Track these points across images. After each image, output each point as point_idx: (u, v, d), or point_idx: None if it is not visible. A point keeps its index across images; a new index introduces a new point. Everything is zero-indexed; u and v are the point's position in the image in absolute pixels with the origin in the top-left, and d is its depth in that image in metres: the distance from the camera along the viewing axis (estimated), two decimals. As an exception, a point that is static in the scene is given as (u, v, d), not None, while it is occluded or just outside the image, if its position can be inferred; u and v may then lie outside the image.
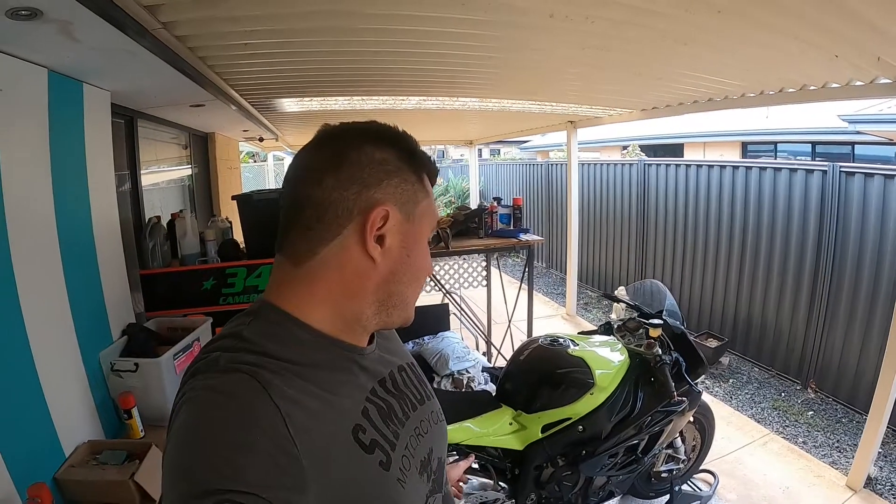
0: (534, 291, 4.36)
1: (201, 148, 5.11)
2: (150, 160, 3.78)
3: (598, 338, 2.82)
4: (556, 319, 6.87)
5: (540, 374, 2.52)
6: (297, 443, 0.62)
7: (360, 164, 0.75)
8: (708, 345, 5.28)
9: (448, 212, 4.67)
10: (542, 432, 2.42)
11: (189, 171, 4.89)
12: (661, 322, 2.67)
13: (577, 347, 2.60)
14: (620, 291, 3.19)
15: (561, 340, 2.65)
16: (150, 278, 2.92)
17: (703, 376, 3.04)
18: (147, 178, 3.62)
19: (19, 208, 1.73)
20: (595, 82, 3.64)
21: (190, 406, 0.65)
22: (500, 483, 2.50)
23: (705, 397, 3.04)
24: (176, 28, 1.90)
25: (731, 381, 5.11)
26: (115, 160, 2.57)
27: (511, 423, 2.47)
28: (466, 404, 2.55)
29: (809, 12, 1.94)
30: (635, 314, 2.92)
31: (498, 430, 2.44)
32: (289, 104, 3.98)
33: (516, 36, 2.40)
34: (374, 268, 0.76)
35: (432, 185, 0.85)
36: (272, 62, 2.66)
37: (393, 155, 0.77)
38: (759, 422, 4.26)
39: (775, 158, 11.29)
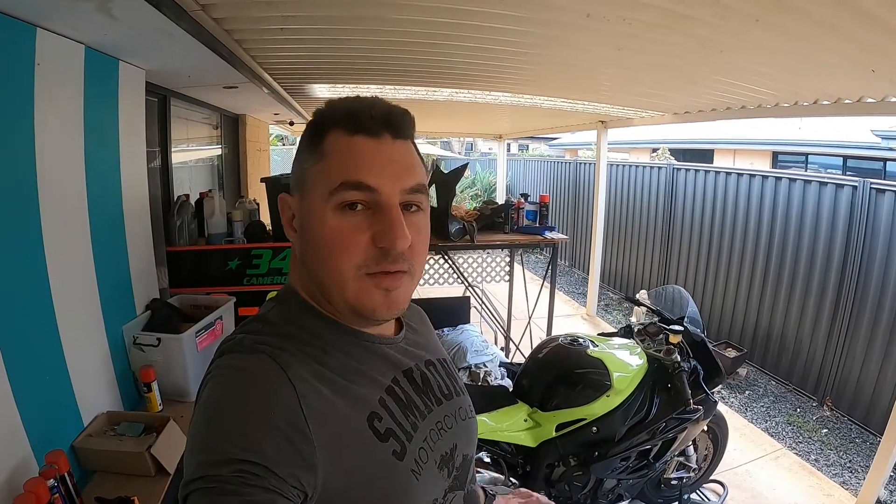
0: (555, 290, 4.33)
1: (232, 129, 5.12)
2: (181, 139, 3.81)
3: (617, 340, 2.78)
4: (575, 319, 6.80)
5: (558, 372, 2.50)
6: (310, 424, 0.64)
7: None
8: (726, 355, 5.22)
9: (475, 205, 4.65)
10: (556, 431, 2.41)
11: (219, 152, 4.91)
12: (682, 329, 2.64)
13: (596, 348, 2.56)
14: (642, 295, 3.15)
15: (581, 340, 2.62)
16: (176, 255, 2.93)
17: (719, 386, 2.99)
18: (177, 157, 3.64)
19: (52, 179, 1.74)
20: (629, 83, 3.58)
21: (215, 383, 0.68)
22: (511, 479, 2.48)
23: (720, 407, 3.00)
24: (214, 10, 1.89)
25: (747, 392, 5.04)
26: (146, 138, 2.58)
27: (526, 420, 2.46)
28: (483, 398, 2.54)
29: (846, 25, 1.89)
30: (656, 319, 2.88)
31: (512, 425, 2.43)
32: (321, 90, 3.98)
33: (552, 34, 2.36)
34: (297, 252, 0.81)
35: (368, 131, 0.73)
36: (307, 48, 2.66)
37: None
38: (772, 435, 4.19)
39: (806, 170, 11.09)
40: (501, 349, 4.50)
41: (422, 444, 0.78)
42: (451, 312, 4.14)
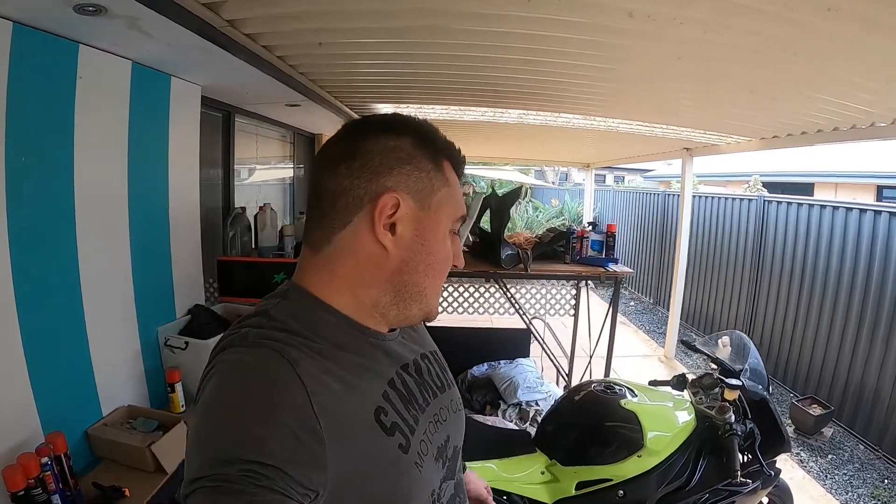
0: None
1: (306, 148, 5.24)
2: (249, 156, 3.93)
3: (663, 391, 2.43)
4: (651, 360, 6.29)
5: (583, 423, 2.20)
6: (321, 421, 0.63)
7: (373, 152, 0.75)
8: (811, 412, 4.56)
9: (539, 232, 4.51)
10: (576, 489, 2.10)
11: (291, 169, 5.06)
12: (740, 383, 2.21)
13: (633, 399, 2.23)
14: (724, 340, 2.78)
15: (616, 388, 2.31)
16: (227, 265, 2.98)
17: (781, 455, 2.54)
18: (249, 173, 3.80)
19: (89, 186, 1.83)
20: (702, 101, 3.16)
21: (219, 377, 0.66)
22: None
23: (791, 474, 2.57)
24: (243, 25, 1.84)
25: (829, 456, 4.33)
26: (209, 152, 2.66)
27: (543, 473, 2.17)
28: (498, 442, 2.31)
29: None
30: (716, 369, 2.45)
31: (527, 477, 2.16)
32: (385, 110, 4.02)
33: (599, 40, 2.07)
34: (387, 256, 0.76)
35: (459, 174, 0.84)
36: (357, 65, 2.57)
37: (408, 142, 0.77)
38: (852, 510, 3.48)
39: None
40: (564, 388, 4.21)
41: (422, 436, 0.79)
42: (510, 345, 3.94)
